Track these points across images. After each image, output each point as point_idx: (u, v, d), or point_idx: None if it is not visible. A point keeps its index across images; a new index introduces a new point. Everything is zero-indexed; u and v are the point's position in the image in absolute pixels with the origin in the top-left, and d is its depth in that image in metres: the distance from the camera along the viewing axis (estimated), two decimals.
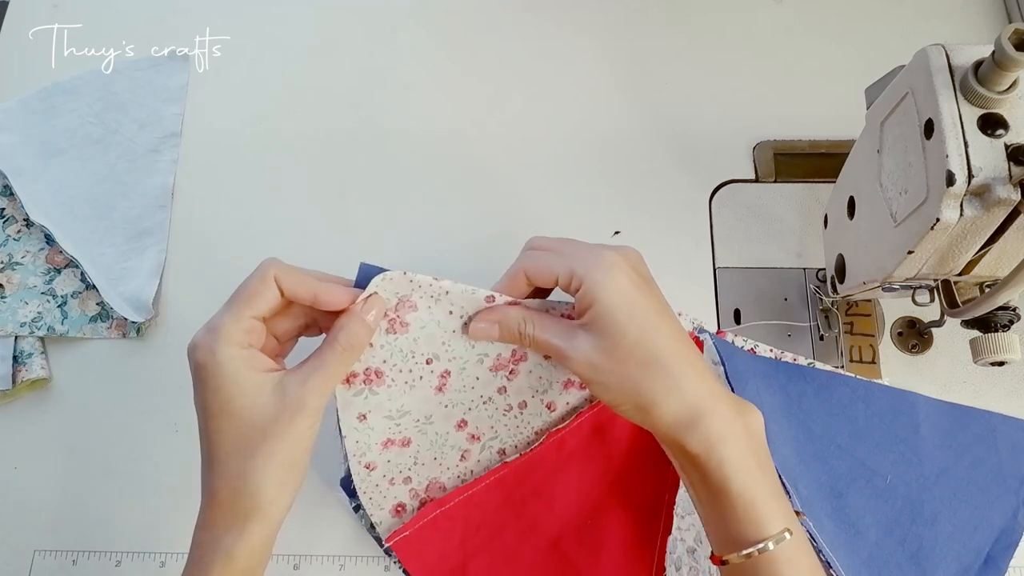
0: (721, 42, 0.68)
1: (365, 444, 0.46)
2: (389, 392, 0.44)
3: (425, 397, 0.45)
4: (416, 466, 0.49)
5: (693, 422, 0.38)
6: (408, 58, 0.68)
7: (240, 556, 0.38)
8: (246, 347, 0.38)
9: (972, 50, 0.37)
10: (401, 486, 0.49)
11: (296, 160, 0.64)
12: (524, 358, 0.45)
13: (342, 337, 0.39)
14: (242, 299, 0.39)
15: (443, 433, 0.48)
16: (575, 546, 0.50)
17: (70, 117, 0.65)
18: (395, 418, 0.45)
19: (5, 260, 0.60)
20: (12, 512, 0.54)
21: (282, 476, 0.38)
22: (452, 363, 0.44)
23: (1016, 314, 0.43)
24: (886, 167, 0.43)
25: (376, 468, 0.48)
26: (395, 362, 0.43)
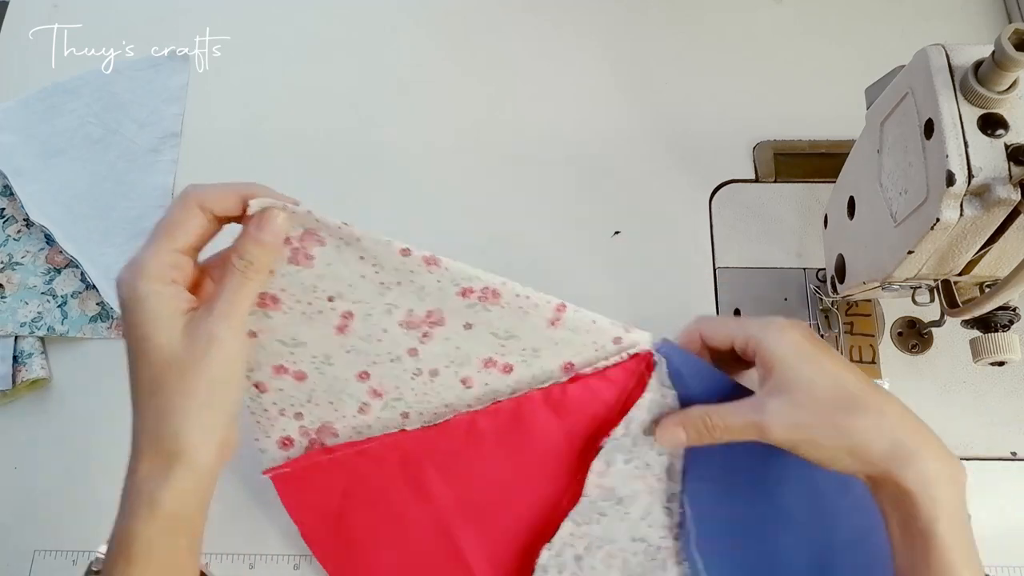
0: (721, 42, 0.68)
1: (255, 361, 0.44)
2: (284, 319, 0.42)
3: (324, 334, 0.43)
4: (309, 404, 0.47)
5: (909, 457, 0.37)
6: (408, 58, 0.68)
7: (165, 502, 0.36)
8: (168, 283, 0.37)
9: (972, 50, 0.37)
10: (291, 420, 0.47)
11: (296, 160, 0.64)
12: (441, 322, 0.43)
13: (236, 259, 0.38)
14: (162, 231, 0.37)
15: (342, 379, 0.46)
16: (462, 527, 0.49)
17: (70, 117, 0.65)
18: (288, 346, 0.44)
19: (5, 260, 0.60)
20: (12, 512, 0.54)
21: (204, 416, 0.37)
22: (356, 306, 0.43)
23: (1016, 314, 0.43)
24: (886, 167, 0.43)
25: (267, 392, 0.46)
26: (294, 292, 0.42)
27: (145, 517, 0.36)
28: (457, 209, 0.63)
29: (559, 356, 0.45)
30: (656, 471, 0.47)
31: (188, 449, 0.36)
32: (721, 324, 0.43)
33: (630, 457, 0.46)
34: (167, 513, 0.36)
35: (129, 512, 0.37)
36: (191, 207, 0.37)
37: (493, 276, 0.42)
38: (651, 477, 0.47)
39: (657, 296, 0.59)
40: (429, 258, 0.41)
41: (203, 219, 0.38)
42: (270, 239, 0.38)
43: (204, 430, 0.37)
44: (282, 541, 0.53)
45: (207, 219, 0.38)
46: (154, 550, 0.37)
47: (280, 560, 0.52)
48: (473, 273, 0.42)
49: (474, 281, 0.42)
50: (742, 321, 0.42)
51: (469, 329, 0.44)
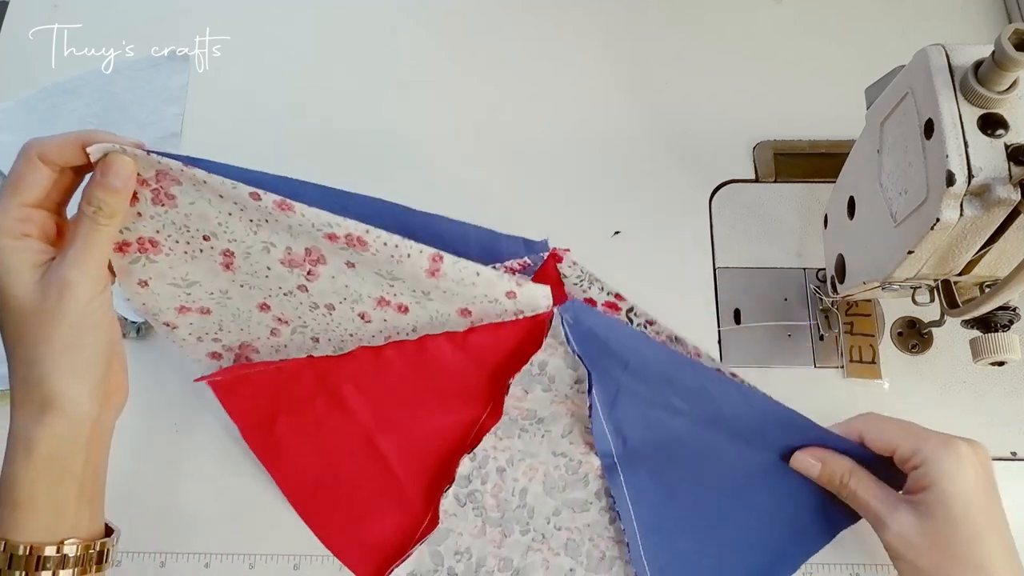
0: (721, 42, 0.68)
1: (155, 307, 0.45)
2: (169, 260, 0.42)
3: (213, 271, 0.43)
4: (223, 331, 0.48)
5: None
6: (408, 58, 0.68)
7: (40, 442, 0.37)
8: (19, 237, 0.37)
9: (972, 50, 0.37)
10: (211, 342, 0.49)
11: (296, 160, 0.64)
12: (322, 261, 0.42)
13: (86, 207, 0.38)
14: (8, 188, 0.37)
15: (245, 310, 0.46)
16: (383, 436, 0.50)
17: (70, 117, 0.65)
18: (182, 286, 0.44)
19: None
20: None
21: (68, 362, 0.37)
22: (233, 245, 0.42)
23: (1016, 314, 0.43)
24: (886, 167, 0.43)
25: (178, 328, 0.47)
26: (169, 233, 0.41)
27: (23, 461, 0.37)
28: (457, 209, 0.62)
29: (452, 303, 0.44)
30: (575, 400, 0.49)
31: (57, 394, 0.37)
32: (887, 429, 0.42)
33: (548, 387, 0.48)
34: (43, 455, 0.37)
35: (8, 457, 0.37)
36: (32, 160, 0.37)
37: (356, 223, 0.40)
38: (570, 402, 0.49)
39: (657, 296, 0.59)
40: (281, 203, 0.39)
41: (47, 171, 0.38)
42: (116, 183, 0.37)
43: (72, 375, 0.37)
44: (282, 541, 0.53)
45: (52, 171, 0.38)
46: (37, 494, 0.37)
47: (280, 560, 0.52)
48: (332, 218, 0.39)
49: (336, 228, 0.40)
50: (913, 431, 0.41)
51: (352, 268, 0.42)
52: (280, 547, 0.52)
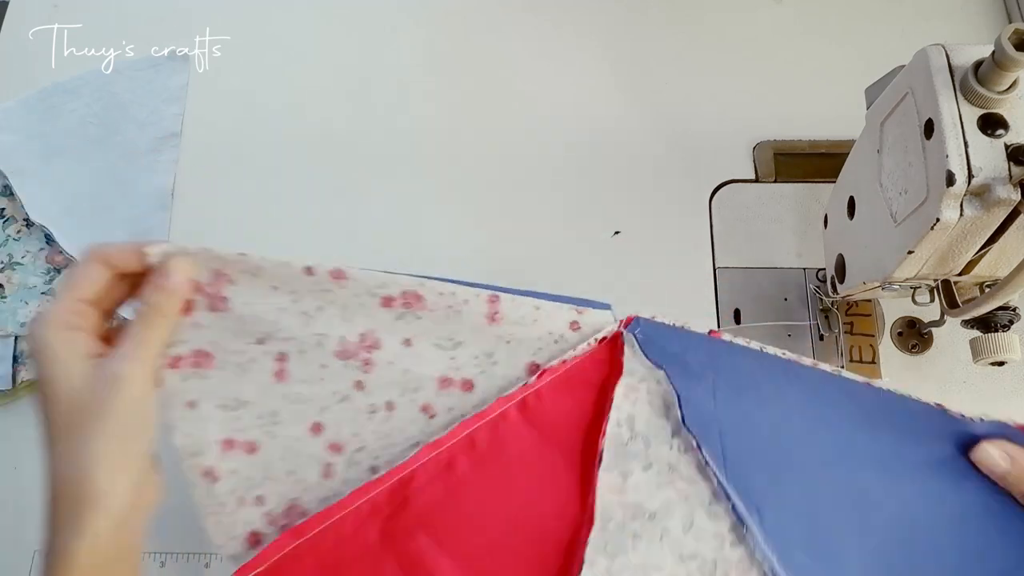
0: (721, 42, 0.68)
1: (200, 439, 0.41)
2: (221, 376, 0.40)
3: (263, 385, 0.40)
4: (269, 482, 0.42)
5: None
6: (408, 58, 0.68)
7: (79, 555, 0.35)
8: (70, 329, 0.37)
9: (972, 50, 0.37)
10: (252, 508, 0.42)
11: (296, 160, 0.64)
12: (377, 345, 0.40)
13: (142, 306, 0.38)
14: (65, 283, 0.39)
15: (295, 437, 0.41)
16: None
17: (70, 117, 0.65)
18: (231, 409, 0.41)
19: (5, 260, 0.60)
20: (12, 512, 0.54)
21: (113, 458, 0.36)
22: (287, 344, 0.40)
23: (1016, 314, 0.43)
24: (886, 167, 0.43)
25: (220, 479, 0.41)
26: (224, 343, 0.40)
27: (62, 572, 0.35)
28: (457, 209, 0.63)
29: (518, 358, 0.41)
30: (684, 472, 0.41)
31: (100, 494, 0.35)
32: None
33: (648, 462, 0.41)
34: (85, 567, 0.35)
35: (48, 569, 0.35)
36: (92, 261, 0.38)
37: (408, 277, 0.39)
38: (680, 481, 0.40)
39: (657, 296, 0.59)
40: (335, 272, 0.38)
41: (104, 272, 0.39)
42: (170, 284, 0.38)
43: (115, 471, 0.36)
44: None
45: (109, 273, 0.39)
46: None
47: None
48: (385, 278, 0.39)
49: (390, 287, 0.39)
50: None
51: (410, 346, 0.40)
52: None
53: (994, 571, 0.40)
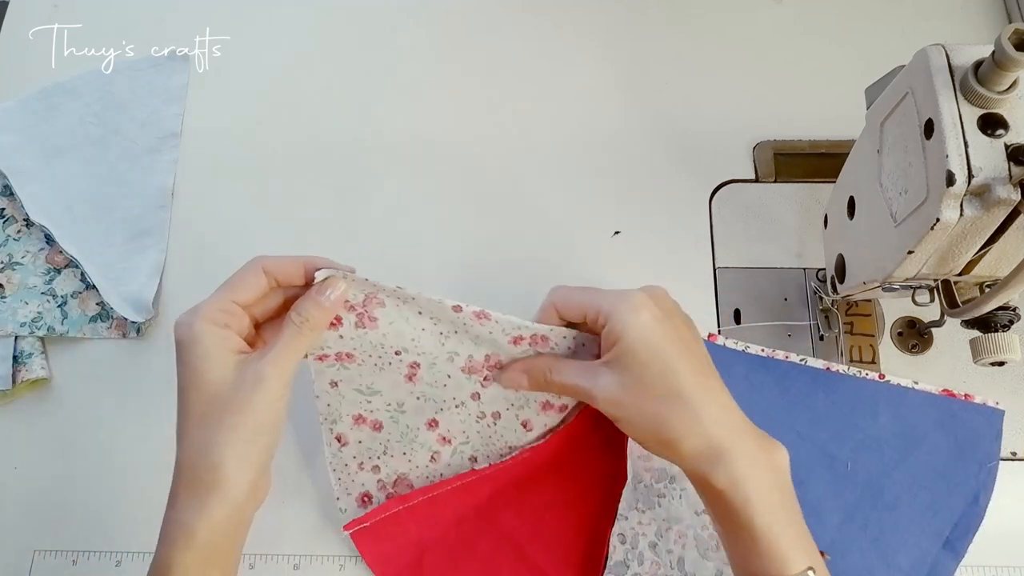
0: (721, 42, 0.68)
1: (336, 411, 0.48)
2: (360, 369, 0.46)
3: (395, 382, 0.47)
4: (385, 456, 0.50)
5: (718, 458, 0.39)
6: (408, 58, 0.68)
7: (200, 531, 0.38)
8: (222, 326, 0.40)
9: (972, 50, 0.37)
10: (369, 474, 0.51)
11: (296, 160, 0.64)
12: (499, 366, 0.46)
13: (294, 315, 0.41)
14: (226, 285, 0.41)
15: (413, 427, 0.49)
16: (531, 540, 0.51)
17: (70, 117, 0.65)
18: (365, 394, 0.47)
19: (5, 260, 0.60)
20: (12, 512, 0.54)
21: (243, 451, 0.39)
22: (421, 357, 0.46)
23: (1016, 314, 0.43)
24: (886, 167, 0.43)
25: (347, 444, 0.49)
26: (364, 350, 0.45)
27: (182, 546, 0.38)
28: (457, 209, 0.63)
29: None
30: None
31: (224, 481, 0.38)
32: (574, 295, 0.43)
33: None
34: (202, 543, 0.38)
35: (167, 540, 0.39)
36: (256, 268, 0.41)
37: (541, 325, 0.44)
38: None
39: None
40: (480, 313, 0.43)
41: (263, 280, 0.41)
42: (327, 302, 0.41)
43: (241, 466, 0.39)
44: (282, 541, 0.53)
45: (267, 282, 0.41)
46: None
47: (280, 560, 0.52)
48: (521, 323, 0.43)
49: (523, 330, 0.44)
50: (595, 293, 0.42)
51: None
52: (280, 547, 0.53)
53: (945, 522, 0.51)
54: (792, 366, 0.55)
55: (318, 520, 0.53)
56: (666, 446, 0.40)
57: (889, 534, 0.51)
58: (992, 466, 0.52)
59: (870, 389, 0.54)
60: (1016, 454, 0.54)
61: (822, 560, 0.40)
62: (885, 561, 0.50)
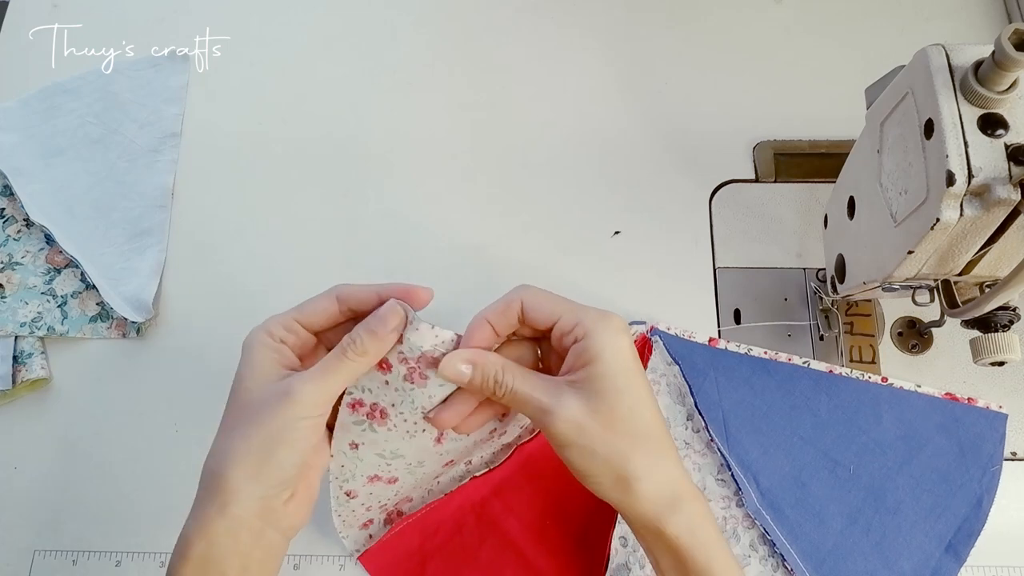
0: (721, 42, 0.68)
1: (350, 472, 0.45)
2: (388, 435, 0.42)
3: (424, 447, 0.43)
4: (395, 497, 0.49)
5: (675, 504, 0.37)
6: (408, 59, 0.68)
7: (196, 544, 0.36)
8: (277, 341, 0.39)
9: (972, 50, 0.37)
10: (377, 511, 0.50)
11: (296, 160, 0.64)
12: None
13: (345, 339, 0.38)
14: (297, 305, 0.40)
15: (431, 474, 0.49)
16: (533, 544, 0.51)
17: (70, 117, 0.65)
18: (387, 458, 0.44)
19: (5, 260, 0.60)
20: (12, 512, 0.54)
21: (251, 463, 0.36)
22: None
23: (1016, 314, 0.43)
24: (886, 167, 0.43)
25: (356, 497, 0.47)
26: (402, 409, 0.40)
27: (179, 557, 0.37)
28: (457, 209, 0.63)
29: None
30: (696, 447, 0.52)
31: (225, 490, 0.36)
32: (548, 300, 0.39)
33: None
34: (197, 556, 0.37)
35: (174, 550, 0.38)
36: (329, 293, 0.40)
37: None
38: (694, 455, 0.51)
39: (657, 296, 0.59)
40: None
41: (335, 306, 0.40)
42: (380, 329, 0.38)
43: (247, 477, 0.36)
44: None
45: (340, 309, 0.40)
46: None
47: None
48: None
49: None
50: (571, 304, 0.39)
51: None
52: None
53: (948, 526, 0.51)
54: (795, 369, 0.55)
55: (318, 520, 0.53)
56: (622, 484, 0.37)
57: (892, 538, 0.51)
58: (996, 470, 0.52)
59: (873, 392, 0.54)
60: (1016, 454, 0.54)
61: None
62: (888, 565, 0.50)
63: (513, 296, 0.40)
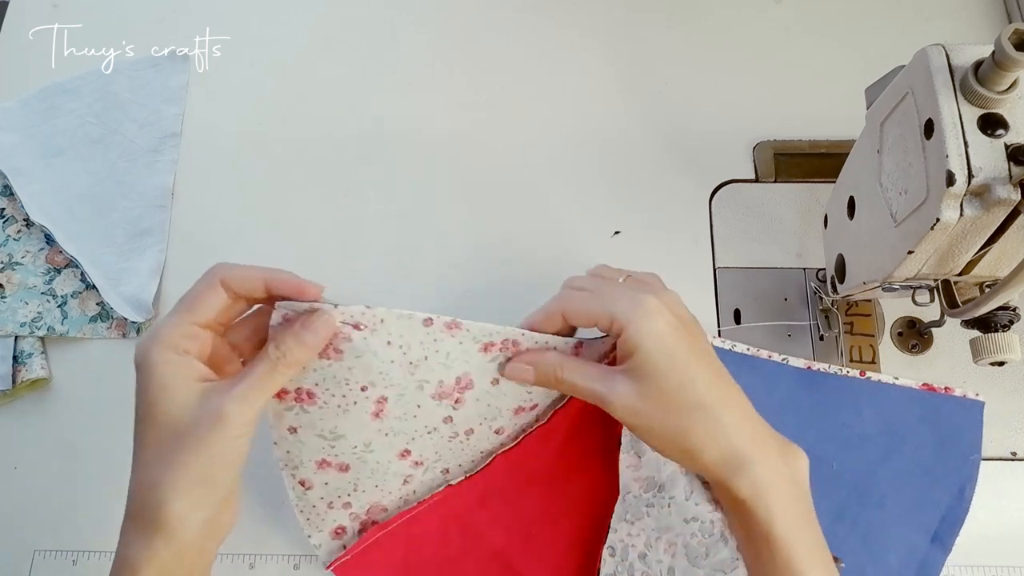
0: (721, 42, 0.68)
1: (297, 458, 0.44)
2: (321, 413, 0.42)
3: (362, 423, 0.43)
4: (356, 492, 0.48)
5: (740, 467, 0.39)
6: (408, 58, 0.68)
7: (144, 571, 0.36)
8: (181, 353, 0.37)
9: (972, 50, 0.37)
10: (340, 511, 0.49)
11: (296, 160, 0.64)
12: (470, 386, 0.44)
13: (272, 349, 0.37)
14: (184, 304, 0.38)
15: (384, 462, 0.46)
16: (520, 555, 0.50)
17: (70, 117, 0.65)
18: (328, 439, 0.43)
19: (5, 260, 0.60)
20: (12, 512, 0.54)
21: (194, 492, 0.36)
22: (389, 390, 0.42)
23: (1016, 314, 0.43)
24: (886, 167, 0.43)
25: (312, 488, 0.46)
26: (327, 386, 0.41)
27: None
28: (457, 209, 0.63)
29: None
30: None
31: (170, 522, 0.36)
32: (584, 305, 0.41)
33: None
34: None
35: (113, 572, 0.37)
36: (214, 283, 0.38)
37: (513, 328, 0.42)
38: None
39: None
40: (451, 323, 0.41)
41: (223, 296, 0.38)
42: (311, 340, 0.37)
43: (191, 505, 0.36)
44: (282, 541, 0.53)
45: (230, 297, 0.38)
46: None
47: (280, 560, 0.52)
48: (493, 329, 0.42)
49: (494, 335, 0.42)
50: (607, 299, 0.40)
51: (497, 384, 0.44)
52: (280, 547, 0.53)
53: (932, 517, 0.51)
54: (777, 367, 0.55)
55: None
56: (687, 455, 0.39)
57: (878, 531, 0.51)
58: (976, 458, 0.52)
59: (853, 387, 0.54)
60: (1016, 454, 0.54)
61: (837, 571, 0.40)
62: (875, 560, 0.51)
63: (553, 307, 0.42)
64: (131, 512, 0.37)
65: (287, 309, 0.38)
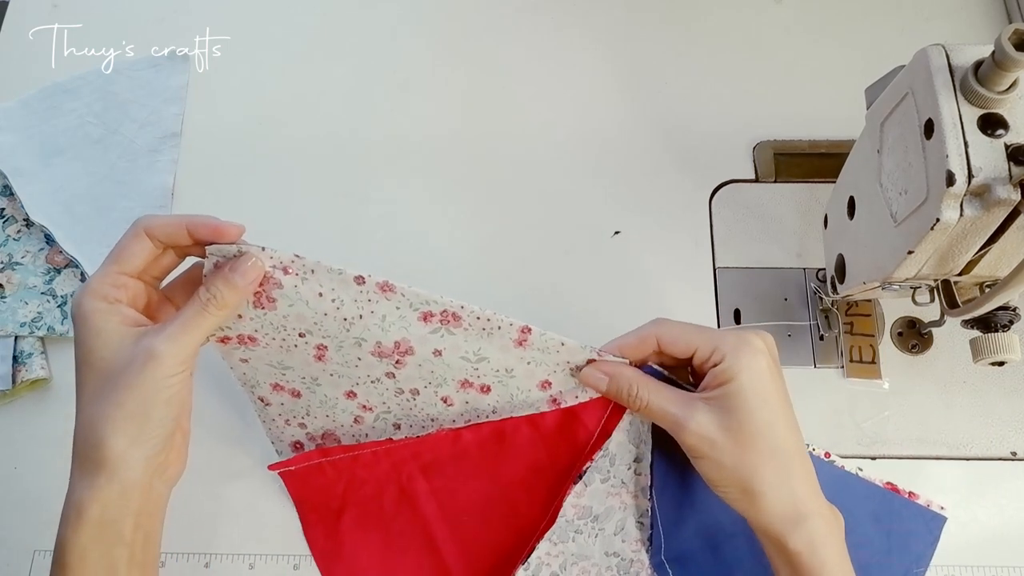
0: (721, 42, 0.68)
1: (252, 379, 0.47)
2: (267, 352, 0.44)
3: (305, 361, 0.45)
4: (309, 417, 0.50)
5: (799, 520, 0.39)
6: (408, 58, 0.68)
7: (90, 510, 0.37)
8: (112, 301, 0.39)
9: (972, 50, 0.37)
10: (297, 428, 0.51)
11: (296, 160, 0.64)
12: (411, 352, 0.43)
13: (202, 292, 0.39)
14: (111, 256, 0.40)
15: (332, 398, 0.48)
16: (446, 537, 0.51)
17: (70, 117, 0.65)
18: (277, 368, 0.46)
19: (5, 260, 0.60)
20: (12, 512, 0.54)
21: (131, 429, 0.38)
22: (327, 340, 0.43)
23: (1016, 314, 0.43)
24: (886, 167, 0.43)
25: (271, 405, 0.49)
26: (267, 332, 0.43)
27: (74, 524, 0.38)
28: (457, 209, 0.63)
29: (534, 376, 0.45)
30: (631, 488, 0.48)
31: (111, 458, 0.37)
32: (683, 333, 0.42)
33: (607, 476, 0.47)
34: (94, 521, 0.38)
35: (62, 520, 0.38)
36: (139, 234, 0.39)
37: (451, 299, 0.42)
38: (626, 494, 0.48)
39: (657, 296, 0.59)
40: (384, 284, 0.41)
41: (149, 246, 0.40)
42: (240, 281, 0.39)
43: (130, 442, 0.38)
44: (282, 541, 0.53)
45: (156, 247, 0.40)
46: (88, 559, 0.38)
47: (280, 560, 0.52)
48: (429, 296, 0.41)
49: (432, 305, 0.42)
50: (708, 331, 0.41)
51: (439, 356, 0.44)
52: (280, 547, 0.53)
53: None
54: None
55: None
56: (749, 497, 0.39)
57: None
58: (919, 572, 0.50)
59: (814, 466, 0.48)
60: (1016, 454, 0.54)
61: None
62: None
63: (648, 331, 0.42)
64: (75, 454, 0.39)
65: (218, 255, 0.39)
